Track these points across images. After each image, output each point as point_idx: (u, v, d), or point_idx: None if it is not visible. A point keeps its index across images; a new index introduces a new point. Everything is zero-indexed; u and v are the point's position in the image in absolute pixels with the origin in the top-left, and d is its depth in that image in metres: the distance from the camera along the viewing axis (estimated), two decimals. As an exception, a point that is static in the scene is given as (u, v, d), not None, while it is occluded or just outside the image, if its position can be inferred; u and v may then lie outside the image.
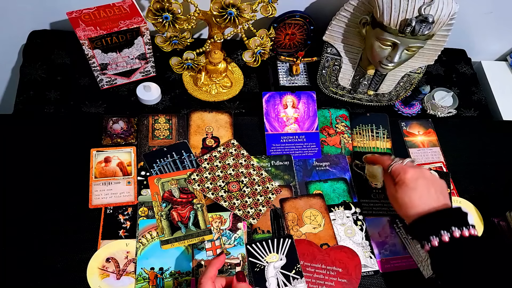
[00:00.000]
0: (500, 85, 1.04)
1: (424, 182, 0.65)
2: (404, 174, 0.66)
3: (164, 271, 0.67)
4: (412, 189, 0.64)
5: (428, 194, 0.64)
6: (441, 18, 0.67)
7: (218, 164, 0.76)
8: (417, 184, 0.64)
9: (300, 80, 0.91)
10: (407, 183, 0.65)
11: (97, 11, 0.75)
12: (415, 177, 0.65)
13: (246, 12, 0.72)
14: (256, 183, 0.76)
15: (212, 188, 0.74)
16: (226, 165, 0.76)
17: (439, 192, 0.65)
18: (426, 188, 0.64)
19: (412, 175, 0.65)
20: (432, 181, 0.66)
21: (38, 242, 0.67)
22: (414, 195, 0.64)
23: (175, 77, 0.90)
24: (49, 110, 0.81)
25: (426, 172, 0.67)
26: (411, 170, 0.66)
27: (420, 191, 0.64)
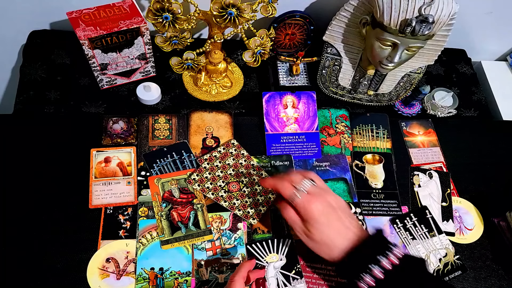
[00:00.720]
0: (500, 85, 1.04)
1: (335, 213, 0.58)
2: (311, 209, 0.57)
3: (164, 271, 0.67)
4: (326, 225, 0.57)
5: (344, 226, 0.58)
6: (441, 18, 0.67)
7: (218, 164, 0.76)
8: (329, 219, 0.57)
9: (300, 80, 0.91)
10: (318, 220, 0.57)
11: (97, 11, 0.75)
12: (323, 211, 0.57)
13: (246, 12, 0.72)
14: (256, 183, 0.76)
15: (212, 188, 0.74)
16: (226, 165, 0.76)
17: (349, 217, 0.59)
18: (339, 220, 0.58)
19: (319, 210, 0.57)
20: (338, 207, 0.59)
21: (38, 242, 0.67)
22: (331, 231, 0.57)
23: (175, 77, 0.90)
24: (49, 110, 0.81)
25: (329, 196, 0.60)
26: (316, 203, 0.57)
27: (335, 225, 0.58)
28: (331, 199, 0.59)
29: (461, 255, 0.75)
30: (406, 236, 0.76)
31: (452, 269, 0.73)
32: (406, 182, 0.82)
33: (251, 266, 0.62)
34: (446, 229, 0.78)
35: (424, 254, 0.74)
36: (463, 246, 0.77)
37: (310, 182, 0.60)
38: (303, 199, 0.58)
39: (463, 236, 0.78)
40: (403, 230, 0.76)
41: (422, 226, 0.77)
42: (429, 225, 0.77)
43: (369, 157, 0.84)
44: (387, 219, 0.78)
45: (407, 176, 0.83)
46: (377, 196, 0.80)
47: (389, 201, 0.79)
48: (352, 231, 0.58)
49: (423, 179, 0.83)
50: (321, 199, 0.58)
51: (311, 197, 0.58)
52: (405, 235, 0.76)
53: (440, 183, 0.83)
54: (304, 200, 0.58)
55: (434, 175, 0.83)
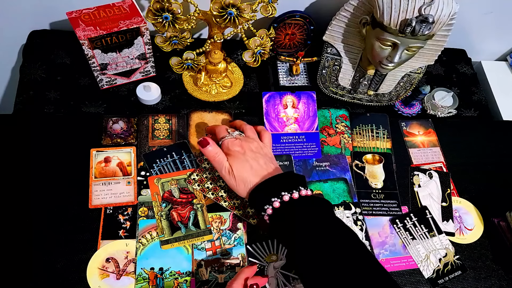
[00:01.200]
0: (500, 85, 1.04)
1: (251, 153, 0.67)
2: (232, 147, 0.67)
3: (164, 271, 0.67)
4: (243, 161, 0.65)
5: (258, 164, 0.66)
6: (441, 18, 0.67)
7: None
8: (246, 156, 0.66)
9: (300, 80, 0.91)
10: (236, 157, 0.66)
11: (97, 11, 0.75)
12: (242, 150, 0.67)
13: (246, 12, 0.72)
14: None
15: (212, 188, 0.74)
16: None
17: (269, 162, 0.67)
18: (255, 159, 0.66)
19: (239, 149, 0.67)
20: (258, 152, 0.68)
21: (38, 242, 0.67)
22: (247, 166, 0.65)
23: (175, 77, 0.90)
24: (49, 110, 0.81)
25: (251, 143, 0.69)
26: (237, 143, 0.67)
27: (250, 162, 0.65)
28: (253, 145, 0.68)
29: (461, 255, 0.75)
30: (406, 236, 0.76)
31: (452, 269, 0.73)
32: (406, 182, 0.83)
33: (251, 272, 0.61)
34: (446, 229, 0.78)
35: (424, 254, 0.74)
36: (463, 246, 0.77)
37: (239, 132, 0.72)
38: (229, 140, 0.68)
39: (463, 236, 0.78)
40: (403, 230, 0.76)
41: (422, 226, 0.77)
42: (429, 225, 0.77)
43: (369, 157, 0.84)
44: (387, 219, 0.78)
45: (407, 176, 0.83)
46: (377, 196, 0.80)
47: (389, 201, 0.79)
48: (267, 170, 0.65)
49: (423, 179, 0.83)
50: (244, 143, 0.68)
51: (235, 139, 0.68)
52: (405, 235, 0.76)
53: (440, 183, 0.83)
54: (229, 141, 0.68)
55: (434, 175, 0.83)
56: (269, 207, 0.60)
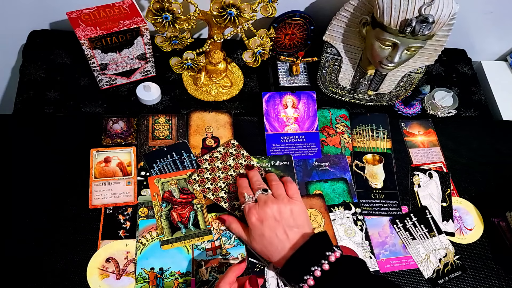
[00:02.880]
0: (500, 85, 1.04)
1: (269, 224, 0.61)
2: (249, 219, 0.63)
3: (164, 271, 0.67)
4: (260, 236, 0.62)
5: (277, 238, 0.61)
6: (441, 18, 0.67)
7: (219, 165, 0.76)
8: (263, 230, 0.61)
9: (300, 80, 0.91)
10: (254, 230, 0.62)
11: (97, 11, 0.75)
12: (259, 221, 0.62)
13: (246, 12, 0.72)
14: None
15: (213, 189, 0.74)
16: (227, 166, 0.76)
17: (290, 227, 0.62)
18: (272, 232, 0.61)
19: (256, 220, 0.62)
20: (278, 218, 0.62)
21: (38, 242, 0.67)
22: (265, 241, 0.61)
23: (175, 77, 0.90)
24: (49, 110, 0.81)
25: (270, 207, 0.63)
26: (254, 212, 0.63)
27: (268, 237, 0.61)
28: (274, 210, 0.63)
29: (461, 255, 0.75)
30: (406, 236, 0.76)
31: (452, 269, 0.73)
32: (406, 182, 0.83)
33: (239, 270, 0.60)
34: (446, 229, 0.78)
35: (424, 254, 0.74)
36: (463, 246, 0.77)
37: (262, 191, 0.66)
38: (247, 206, 0.65)
39: (463, 236, 0.78)
40: (403, 230, 0.76)
41: (422, 226, 0.77)
42: (429, 225, 0.77)
43: (369, 157, 0.84)
44: (387, 219, 0.78)
45: (407, 176, 0.83)
46: (377, 196, 0.80)
47: (389, 201, 0.79)
48: (288, 244, 0.60)
49: (423, 179, 0.83)
50: (261, 210, 0.63)
51: (253, 206, 0.64)
52: (405, 235, 0.76)
53: (440, 183, 0.83)
54: (246, 208, 0.64)
55: (434, 175, 0.83)
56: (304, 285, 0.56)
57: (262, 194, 0.66)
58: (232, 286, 0.59)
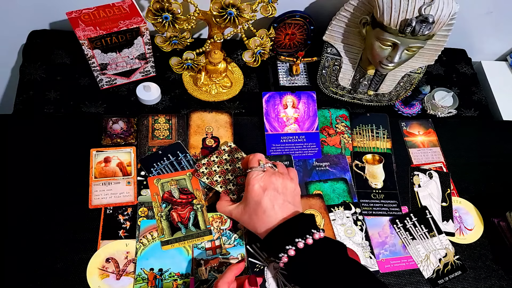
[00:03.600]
0: (500, 85, 1.04)
1: (270, 194, 0.62)
2: (253, 185, 0.63)
3: (164, 272, 0.66)
4: (257, 203, 0.62)
5: (272, 209, 0.61)
6: (441, 18, 0.67)
7: (227, 157, 0.76)
8: (262, 198, 0.62)
9: (300, 80, 0.91)
10: (253, 196, 0.62)
11: (97, 11, 0.75)
12: (262, 189, 0.62)
13: (246, 12, 0.72)
14: None
15: (221, 181, 0.73)
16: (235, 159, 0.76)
17: (287, 202, 0.63)
18: (270, 202, 0.61)
19: (258, 188, 0.63)
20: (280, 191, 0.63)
21: (38, 242, 0.67)
22: (259, 210, 0.62)
23: (175, 77, 0.90)
24: (49, 110, 0.81)
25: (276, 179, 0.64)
26: (260, 180, 0.63)
27: (264, 206, 0.61)
28: (279, 183, 0.64)
29: (461, 255, 0.75)
30: (406, 236, 0.76)
31: (452, 269, 0.73)
32: (406, 182, 0.83)
33: (238, 270, 0.60)
34: (446, 229, 0.78)
35: (424, 254, 0.74)
36: (463, 246, 0.77)
37: (272, 165, 0.68)
38: (254, 173, 0.65)
39: (463, 236, 0.78)
40: (403, 230, 0.76)
41: (422, 226, 0.77)
42: (429, 225, 0.77)
43: (369, 157, 0.84)
44: (387, 219, 0.78)
45: (407, 176, 0.83)
46: (377, 196, 0.80)
47: (389, 201, 0.79)
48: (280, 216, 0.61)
49: (423, 179, 0.83)
50: (267, 179, 0.64)
51: (260, 175, 0.64)
52: (405, 235, 0.76)
53: (440, 183, 0.83)
54: (253, 174, 0.65)
55: (434, 175, 0.83)
56: (284, 255, 0.57)
57: (271, 167, 0.67)
58: (230, 286, 0.59)
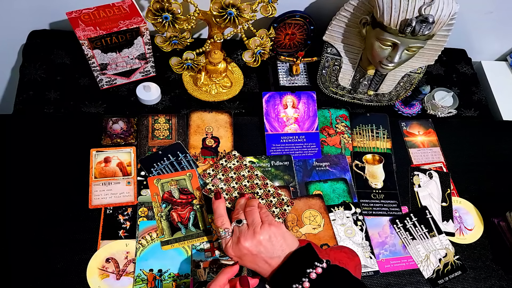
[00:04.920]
0: (500, 85, 1.04)
1: (248, 259, 0.60)
2: (228, 254, 0.62)
3: (163, 273, 0.66)
4: (245, 264, 0.61)
5: (259, 267, 0.60)
6: (441, 18, 0.67)
7: (233, 175, 0.76)
8: (245, 263, 0.61)
9: (300, 80, 0.91)
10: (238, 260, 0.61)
11: (97, 11, 0.75)
12: (239, 258, 0.61)
13: (246, 12, 0.72)
14: (271, 195, 0.74)
15: (228, 198, 0.73)
16: (241, 176, 0.75)
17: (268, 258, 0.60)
18: (253, 263, 0.60)
19: (234, 257, 0.61)
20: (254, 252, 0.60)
21: (38, 242, 0.67)
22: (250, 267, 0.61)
23: (175, 77, 0.90)
24: (49, 110, 0.81)
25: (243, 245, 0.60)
26: (230, 251, 0.61)
27: (251, 266, 0.61)
28: (248, 245, 0.60)
29: (461, 255, 0.75)
30: (406, 236, 0.76)
31: (452, 269, 0.73)
32: (406, 182, 0.83)
33: (232, 273, 0.60)
34: (446, 229, 0.77)
35: (424, 254, 0.74)
36: (463, 246, 0.77)
37: (235, 224, 0.63)
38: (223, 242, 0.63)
39: (463, 236, 0.78)
40: (403, 230, 0.76)
41: (422, 226, 0.77)
42: (429, 225, 0.77)
43: (369, 157, 0.84)
44: (387, 219, 0.78)
45: (407, 176, 0.83)
46: (377, 196, 0.79)
47: (389, 201, 0.79)
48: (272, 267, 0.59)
49: (423, 179, 0.83)
50: (236, 248, 0.61)
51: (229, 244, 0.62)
52: (405, 235, 0.76)
53: (440, 183, 0.83)
54: (222, 244, 0.63)
55: (434, 175, 0.83)
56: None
57: (236, 226, 0.63)
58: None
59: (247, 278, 0.59)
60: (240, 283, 0.58)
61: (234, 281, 0.60)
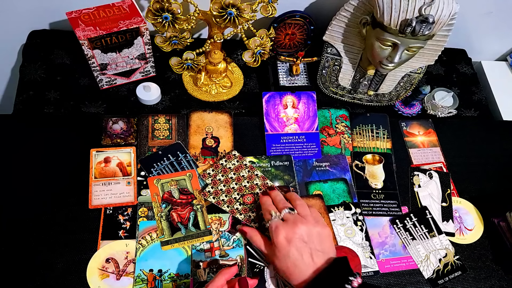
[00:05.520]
0: (500, 85, 1.04)
1: (296, 245, 0.58)
2: (276, 237, 0.59)
3: (163, 273, 0.66)
4: (285, 256, 0.58)
5: (302, 260, 0.58)
6: (441, 18, 0.67)
7: (232, 176, 0.75)
8: (289, 250, 0.58)
9: (300, 80, 0.91)
10: (280, 249, 0.59)
11: (97, 11, 0.75)
12: (287, 241, 0.59)
13: (246, 12, 0.72)
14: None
15: (227, 200, 0.73)
16: (240, 177, 0.75)
17: (316, 250, 0.59)
18: (299, 253, 0.58)
19: (283, 239, 0.59)
20: (306, 240, 0.59)
21: (38, 242, 0.67)
22: (289, 262, 0.58)
23: (175, 77, 0.90)
24: (49, 110, 0.81)
25: (299, 228, 0.59)
26: (282, 231, 0.59)
27: (293, 258, 0.58)
28: (303, 231, 0.59)
29: (461, 256, 0.75)
30: (406, 236, 0.76)
31: (452, 270, 0.73)
32: (406, 182, 0.82)
33: (230, 274, 0.59)
34: (446, 229, 0.77)
35: (424, 254, 0.74)
36: (463, 246, 0.77)
37: (288, 210, 0.63)
38: (274, 224, 0.61)
39: (463, 237, 0.78)
40: (403, 231, 0.76)
41: (422, 227, 0.77)
42: (429, 226, 0.77)
43: (369, 157, 0.84)
44: (387, 219, 0.78)
45: (407, 176, 0.83)
46: (377, 196, 0.79)
47: (389, 201, 0.79)
48: (312, 265, 0.58)
49: (423, 179, 0.83)
50: (290, 229, 0.59)
51: (281, 225, 0.60)
52: (405, 235, 0.76)
53: (440, 183, 0.83)
54: (273, 226, 0.61)
55: (434, 175, 0.83)
56: None
57: (289, 213, 0.63)
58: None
59: (246, 280, 0.58)
60: (239, 284, 0.58)
61: (233, 282, 0.59)
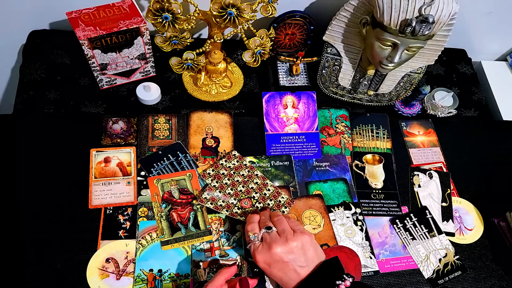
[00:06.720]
0: (500, 85, 1.04)
1: (277, 267, 0.59)
2: (257, 262, 0.60)
3: (163, 273, 0.66)
4: (271, 275, 0.60)
5: (287, 277, 0.58)
6: (441, 18, 0.67)
7: (227, 182, 0.75)
8: (271, 272, 0.59)
9: (300, 80, 0.91)
10: (265, 271, 0.60)
11: (97, 11, 0.75)
12: (267, 265, 0.59)
13: (246, 12, 0.72)
14: (268, 198, 0.74)
15: (225, 205, 0.72)
16: (235, 182, 0.75)
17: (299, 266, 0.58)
18: (282, 273, 0.58)
19: (263, 264, 0.60)
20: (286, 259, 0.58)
21: (38, 242, 0.67)
22: (277, 279, 0.59)
23: (175, 77, 0.90)
24: (49, 110, 0.81)
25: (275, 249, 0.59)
26: (260, 257, 0.60)
27: (278, 277, 0.59)
28: (281, 252, 0.59)
29: (461, 256, 0.75)
30: (406, 236, 0.76)
31: (452, 270, 0.73)
32: (406, 182, 0.82)
33: (229, 274, 0.59)
34: (446, 229, 0.77)
35: (424, 254, 0.74)
36: (463, 246, 0.77)
37: (265, 230, 0.62)
38: (252, 249, 0.62)
39: (463, 236, 0.78)
40: (403, 230, 0.76)
41: (422, 226, 0.77)
42: (429, 225, 0.77)
43: (369, 157, 0.84)
44: (387, 219, 0.78)
45: (407, 176, 0.83)
46: (377, 196, 0.79)
47: (389, 201, 0.79)
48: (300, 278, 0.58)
49: (423, 179, 0.83)
50: (267, 253, 0.59)
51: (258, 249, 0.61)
52: (405, 235, 0.76)
53: (440, 183, 0.83)
54: (252, 250, 0.62)
55: (434, 175, 0.83)
56: None
57: (265, 232, 0.62)
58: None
59: (247, 280, 0.59)
60: (240, 284, 0.58)
61: (233, 282, 0.59)
